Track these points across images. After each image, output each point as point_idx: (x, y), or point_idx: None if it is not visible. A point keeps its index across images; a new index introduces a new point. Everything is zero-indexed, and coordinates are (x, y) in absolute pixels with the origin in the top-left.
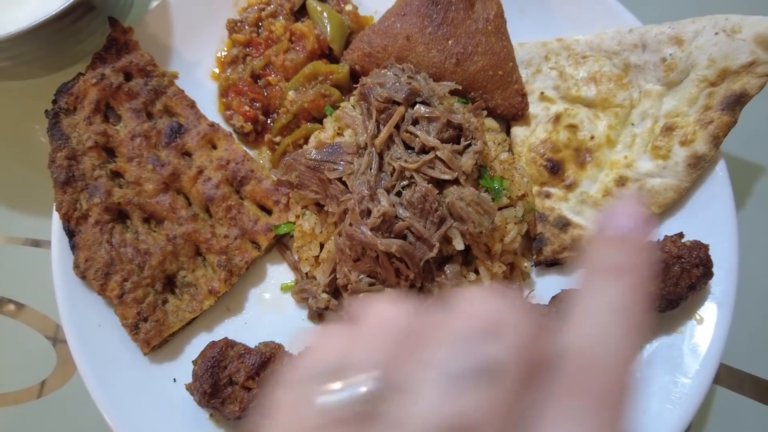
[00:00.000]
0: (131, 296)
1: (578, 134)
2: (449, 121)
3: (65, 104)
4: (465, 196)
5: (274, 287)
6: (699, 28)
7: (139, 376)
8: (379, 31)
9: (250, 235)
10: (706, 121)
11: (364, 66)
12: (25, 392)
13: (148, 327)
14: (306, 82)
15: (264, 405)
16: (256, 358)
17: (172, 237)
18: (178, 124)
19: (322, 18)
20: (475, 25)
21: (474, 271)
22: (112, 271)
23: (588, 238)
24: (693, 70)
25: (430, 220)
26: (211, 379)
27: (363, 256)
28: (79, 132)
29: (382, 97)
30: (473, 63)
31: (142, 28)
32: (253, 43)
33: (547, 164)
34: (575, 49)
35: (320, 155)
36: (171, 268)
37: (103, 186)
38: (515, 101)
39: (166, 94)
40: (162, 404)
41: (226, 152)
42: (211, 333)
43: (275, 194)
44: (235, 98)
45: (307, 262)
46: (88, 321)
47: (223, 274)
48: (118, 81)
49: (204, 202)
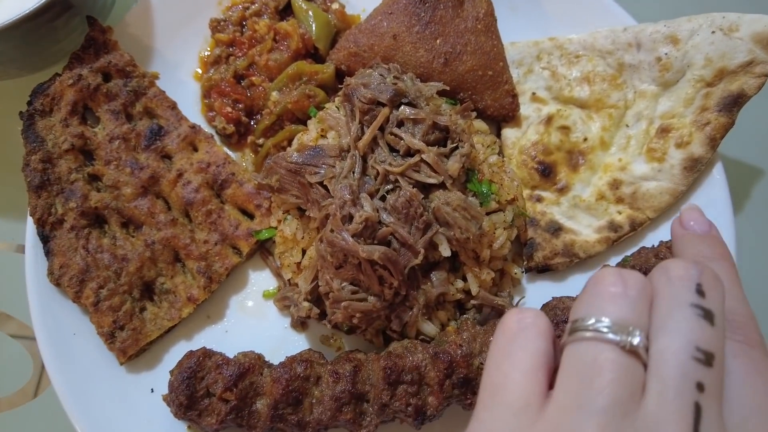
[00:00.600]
0: (107, 304)
1: (571, 136)
2: (435, 123)
3: (41, 106)
4: (451, 200)
5: (256, 294)
6: (695, 26)
7: (115, 386)
8: (365, 30)
9: (231, 241)
10: (703, 123)
11: (350, 66)
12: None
13: (124, 336)
14: (290, 82)
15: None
16: (234, 369)
17: (151, 242)
18: (158, 126)
19: (307, 17)
20: (464, 24)
21: (462, 278)
22: (87, 277)
23: (675, 236)
24: (689, 70)
25: (415, 225)
26: (187, 390)
27: (345, 263)
28: (55, 134)
29: (366, 98)
30: (462, 63)
31: (123, 27)
32: (237, 43)
33: (539, 167)
34: (568, 49)
35: (301, 158)
36: (149, 274)
37: (79, 190)
38: (506, 102)
39: (146, 95)
40: (139, 416)
41: (206, 155)
42: (191, 342)
43: (257, 198)
44: (217, 99)
45: (289, 268)
46: (63, 329)
47: (202, 280)
48: (96, 82)
49: (183, 206)
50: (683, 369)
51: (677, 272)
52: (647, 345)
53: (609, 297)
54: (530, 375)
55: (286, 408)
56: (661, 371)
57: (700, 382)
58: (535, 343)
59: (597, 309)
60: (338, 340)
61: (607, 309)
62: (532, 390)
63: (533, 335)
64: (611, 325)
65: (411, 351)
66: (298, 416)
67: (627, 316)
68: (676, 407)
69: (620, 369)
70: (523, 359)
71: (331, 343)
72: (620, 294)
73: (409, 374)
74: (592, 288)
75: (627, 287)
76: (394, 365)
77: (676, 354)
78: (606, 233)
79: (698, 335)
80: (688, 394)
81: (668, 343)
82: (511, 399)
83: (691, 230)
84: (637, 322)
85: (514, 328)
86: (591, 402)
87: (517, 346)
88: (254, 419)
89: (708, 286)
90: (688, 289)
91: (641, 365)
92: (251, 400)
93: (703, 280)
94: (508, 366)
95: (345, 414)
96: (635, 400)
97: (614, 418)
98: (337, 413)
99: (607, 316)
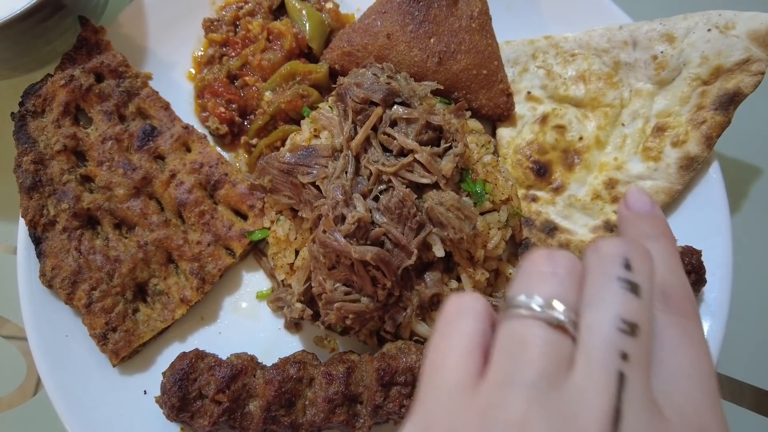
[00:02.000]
0: (99, 305)
1: (566, 135)
2: (428, 123)
3: (32, 106)
4: (445, 200)
5: (249, 295)
6: (691, 24)
7: (107, 388)
8: (359, 29)
9: (224, 242)
10: (699, 121)
11: (343, 65)
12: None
13: (117, 337)
14: (283, 82)
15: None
16: (226, 371)
17: (143, 243)
18: (151, 126)
19: (301, 16)
20: (458, 23)
21: (456, 279)
22: (79, 279)
23: (619, 217)
24: (685, 68)
25: (408, 226)
26: (179, 392)
27: (338, 264)
28: (47, 135)
29: (359, 97)
30: (456, 62)
31: (115, 27)
32: (230, 43)
33: (534, 166)
34: (563, 47)
35: (294, 158)
36: (142, 275)
37: (71, 191)
38: (500, 101)
39: (139, 95)
40: (132, 417)
41: (199, 155)
42: (184, 343)
43: (250, 199)
44: (210, 99)
45: (282, 269)
46: (55, 331)
47: (195, 282)
48: (88, 82)
49: (176, 207)
50: (607, 340)
51: (606, 249)
52: (575, 320)
53: (539, 276)
54: (465, 356)
55: (279, 410)
56: (586, 344)
57: (624, 352)
58: (471, 324)
59: (528, 288)
60: (332, 342)
61: (537, 287)
62: (466, 370)
63: (470, 317)
64: (541, 302)
65: (405, 352)
66: (291, 418)
67: (555, 293)
68: (600, 377)
69: (547, 344)
70: (459, 341)
71: (325, 345)
72: (549, 273)
73: (403, 375)
74: (524, 268)
75: (556, 266)
76: (388, 366)
77: (601, 326)
78: (601, 233)
79: (623, 307)
80: (612, 364)
81: (594, 317)
82: (446, 380)
83: (634, 211)
84: (565, 298)
85: (452, 312)
86: (519, 376)
87: (454, 328)
88: (247, 421)
89: (635, 260)
90: (615, 264)
91: (570, 339)
92: (244, 401)
93: (631, 255)
94: (445, 348)
95: (338, 415)
96: (563, 373)
97: (541, 390)
98: (330, 415)
99: (537, 294)
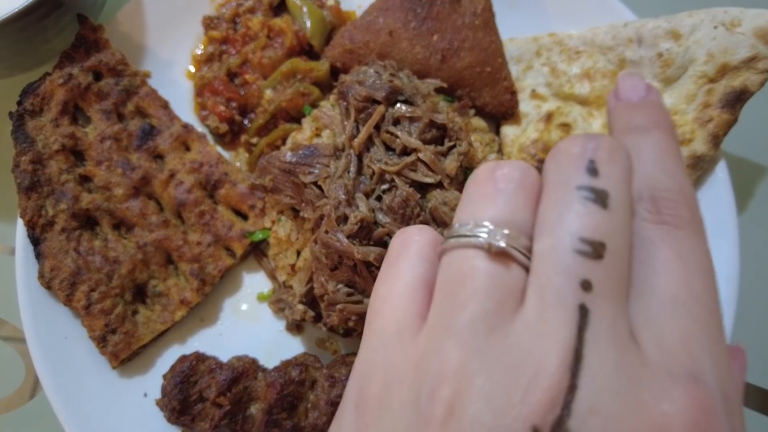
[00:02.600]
0: (98, 307)
1: (571, 133)
2: (432, 121)
3: (30, 106)
4: (449, 200)
5: (250, 297)
6: (697, 21)
7: (107, 390)
8: (360, 26)
9: (225, 242)
10: (705, 120)
11: (345, 63)
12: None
13: (116, 339)
14: (284, 80)
15: None
16: (227, 374)
17: (143, 244)
18: (150, 125)
19: (302, 13)
20: (461, 20)
21: None
22: (78, 280)
23: (609, 110)
24: (691, 66)
25: (412, 225)
26: (180, 395)
27: (340, 264)
28: (45, 135)
29: (361, 95)
30: (460, 59)
31: (114, 25)
32: (230, 40)
33: (539, 165)
34: (568, 45)
35: (295, 158)
36: (141, 277)
37: (70, 191)
38: (504, 99)
39: (138, 94)
40: (131, 420)
41: (199, 154)
42: (184, 345)
43: (251, 198)
44: (210, 98)
45: (284, 270)
46: (54, 333)
47: (195, 283)
48: (86, 81)
49: (176, 207)
50: (563, 266)
51: (566, 151)
52: (528, 246)
53: (482, 196)
54: (405, 297)
55: (281, 413)
56: (539, 274)
57: (585, 279)
58: (414, 261)
59: (469, 210)
60: (334, 343)
61: (480, 209)
62: (405, 313)
63: (413, 253)
64: (485, 228)
65: None
66: (293, 421)
67: (500, 215)
68: (554, 313)
69: (487, 277)
70: (400, 280)
71: (327, 347)
72: (494, 190)
73: None
74: (468, 188)
75: (502, 181)
76: None
77: (555, 250)
78: None
79: (583, 223)
80: (569, 296)
81: (548, 240)
82: (384, 325)
83: (625, 100)
84: (513, 219)
85: (396, 249)
86: (454, 319)
87: (396, 267)
88: (248, 424)
89: (603, 162)
90: (575, 169)
91: (519, 270)
92: (245, 404)
93: (597, 155)
94: (385, 290)
95: None
96: (507, 312)
97: (478, 334)
98: (333, 418)
99: (481, 217)
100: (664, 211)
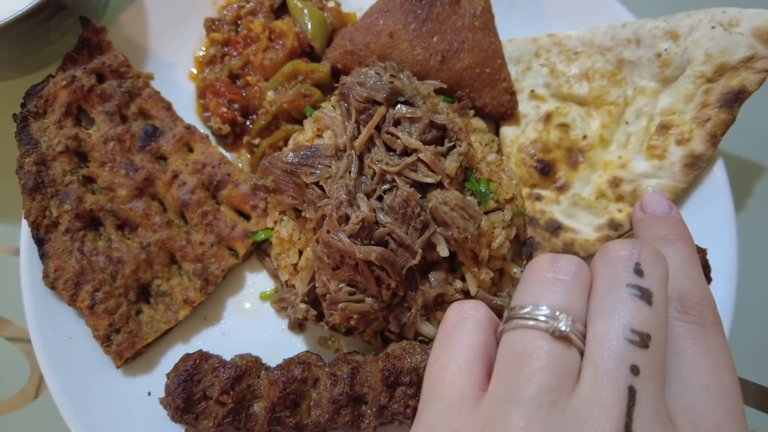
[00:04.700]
0: (103, 307)
1: (570, 134)
2: (432, 122)
3: (34, 107)
4: (449, 200)
5: (253, 296)
6: (695, 22)
7: (111, 389)
8: (361, 28)
9: (227, 242)
10: (704, 119)
11: (346, 64)
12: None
13: (120, 339)
14: (285, 81)
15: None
16: (231, 372)
17: (146, 244)
18: (153, 127)
19: (303, 15)
20: (461, 21)
21: (460, 278)
22: (82, 280)
23: (635, 221)
24: (689, 66)
25: (413, 225)
26: (184, 393)
27: (342, 264)
28: (49, 136)
29: (362, 96)
30: (459, 60)
31: (117, 28)
32: (232, 42)
33: (538, 165)
34: (567, 45)
35: (297, 158)
36: (145, 277)
37: (74, 192)
38: (504, 100)
39: (140, 96)
40: (136, 419)
41: (202, 155)
42: (188, 344)
43: (253, 199)
44: (212, 99)
45: (286, 270)
46: (59, 332)
47: (198, 282)
48: (90, 83)
49: (179, 207)
50: (616, 352)
51: (615, 253)
52: (583, 331)
53: (542, 284)
54: (465, 367)
55: (284, 411)
56: (594, 356)
57: (634, 364)
58: (472, 334)
59: (531, 296)
60: (336, 342)
61: (541, 296)
62: (466, 382)
63: (471, 327)
64: (545, 312)
65: (409, 352)
66: (295, 419)
67: (559, 302)
68: (608, 392)
69: (550, 357)
70: (459, 352)
71: (329, 345)
72: (553, 280)
73: (408, 376)
74: (527, 275)
75: (560, 272)
76: (393, 367)
77: (609, 337)
78: (606, 232)
79: (633, 316)
80: (621, 378)
81: (602, 327)
82: (446, 392)
83: (651, 213)
84: (571, 307)
85: (453, 321)
86: (520, 392)
87: (454, 338)
88: (251, 422)
89: (647, 265)
90: (624, 270)
91: (575, 352)
92: (248, 403)
93: (642, 259)
94: (445, 359)
95: (343, 416)
96: (566, 388)
97: (542, 407)
98: (335, 416)
99: (540, 303)
100: (691, 312)
